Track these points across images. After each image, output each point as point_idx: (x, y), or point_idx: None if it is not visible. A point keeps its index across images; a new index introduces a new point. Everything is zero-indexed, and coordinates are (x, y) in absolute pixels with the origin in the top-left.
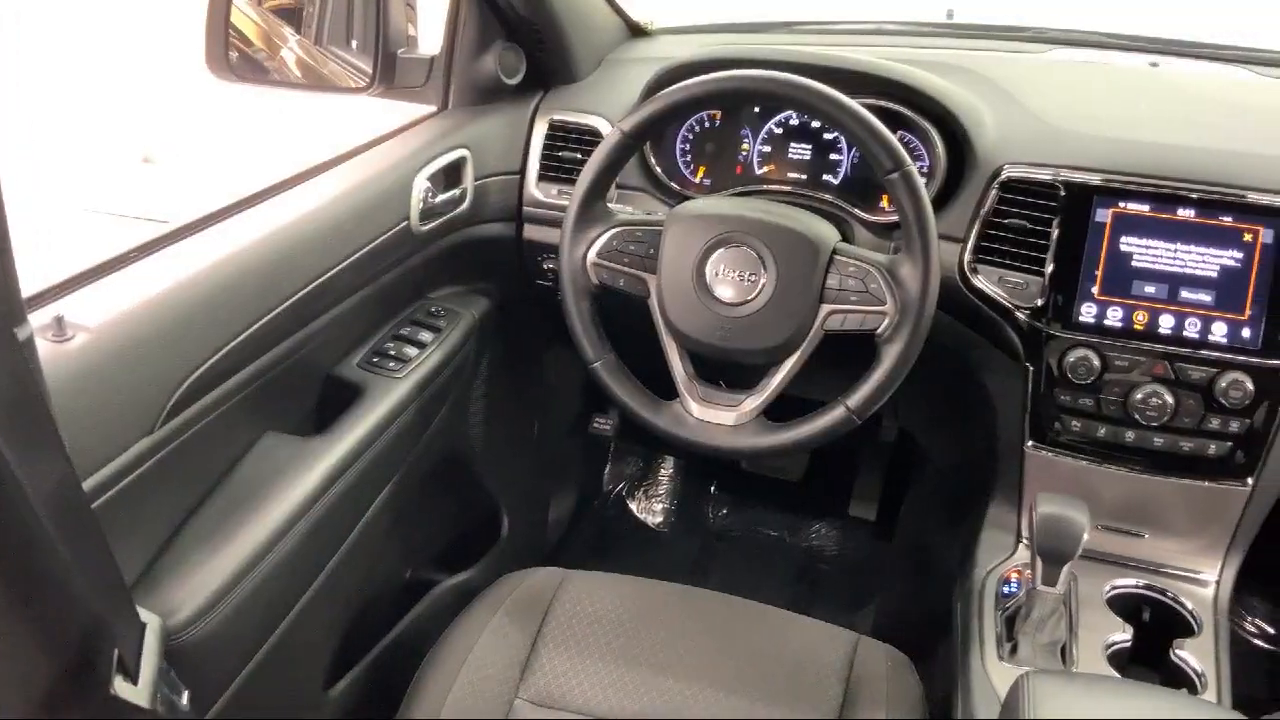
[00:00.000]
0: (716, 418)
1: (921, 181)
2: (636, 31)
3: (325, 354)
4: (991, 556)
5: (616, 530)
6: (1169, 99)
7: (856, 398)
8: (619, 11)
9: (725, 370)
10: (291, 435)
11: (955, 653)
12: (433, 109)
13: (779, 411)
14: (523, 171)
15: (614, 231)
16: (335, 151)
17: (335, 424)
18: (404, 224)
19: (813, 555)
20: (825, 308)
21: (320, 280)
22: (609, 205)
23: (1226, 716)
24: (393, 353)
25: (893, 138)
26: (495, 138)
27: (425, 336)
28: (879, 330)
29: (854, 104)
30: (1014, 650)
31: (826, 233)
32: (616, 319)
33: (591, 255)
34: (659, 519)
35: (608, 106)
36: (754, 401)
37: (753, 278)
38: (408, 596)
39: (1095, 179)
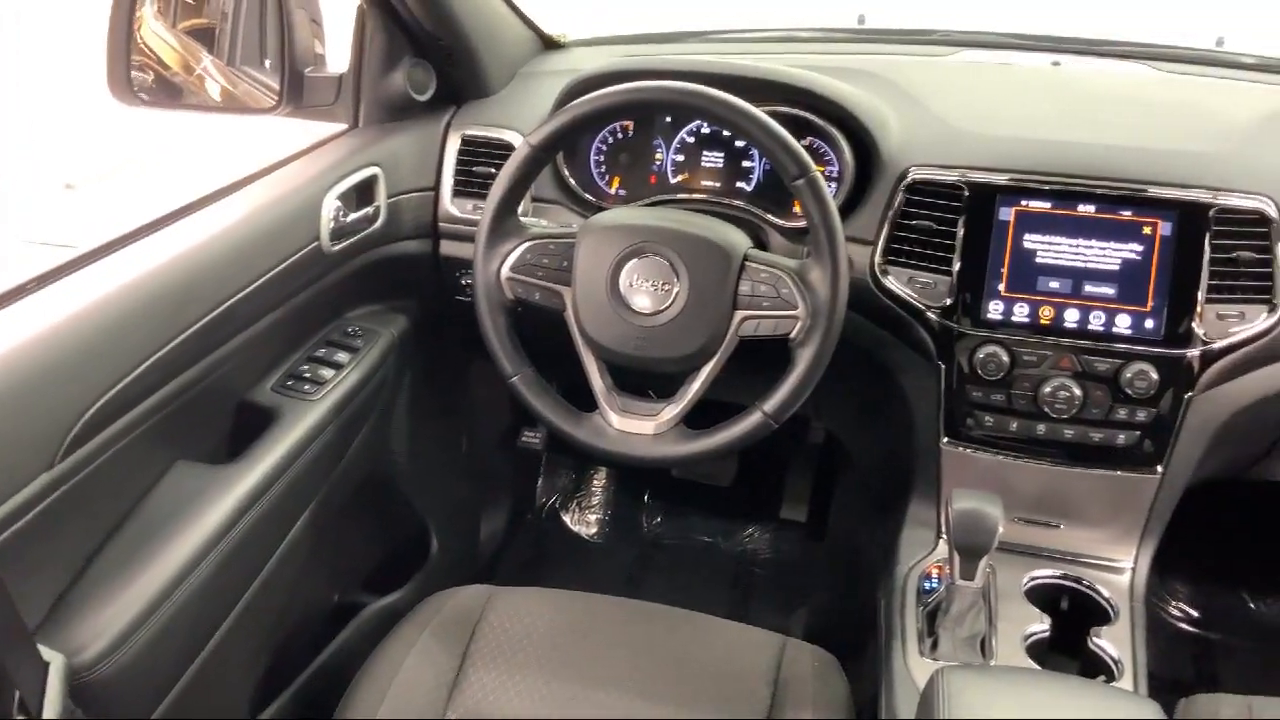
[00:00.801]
0: (636, 428)
1: (826, 187)
2: (549, 44)
3: (237, 379)
4: (913, 553)
5: (551, 544)
6: (1070, 97)
7: (773, 402)
8: (530, 25)
9: (645, 380)
10: (204, 464)
11: (880, 650)
12: (344, 127)
13: (705, 417)
14: (437, 187)
15: (527, 245)
16: (243, 173)
17: (248, 450)
18: (314, 244)
19: (746, 559)
20: (739, 314)
21: (228, 304)
22: (522, 219)
23: (1133, 702)
24: (308, 375)
25: (796, 144)
26: (407, 154)
27: (342, 357)
28: (792, 334)
29: (757, 112)
30: (934, 646)
31: (738, 240)
32: (536, 332)
33: (505, 270)
34: (593, 530)
35: (520, 120)
36: (673, 410)
37: (666, 287)
38: (336, 620)
39: (997, 178)
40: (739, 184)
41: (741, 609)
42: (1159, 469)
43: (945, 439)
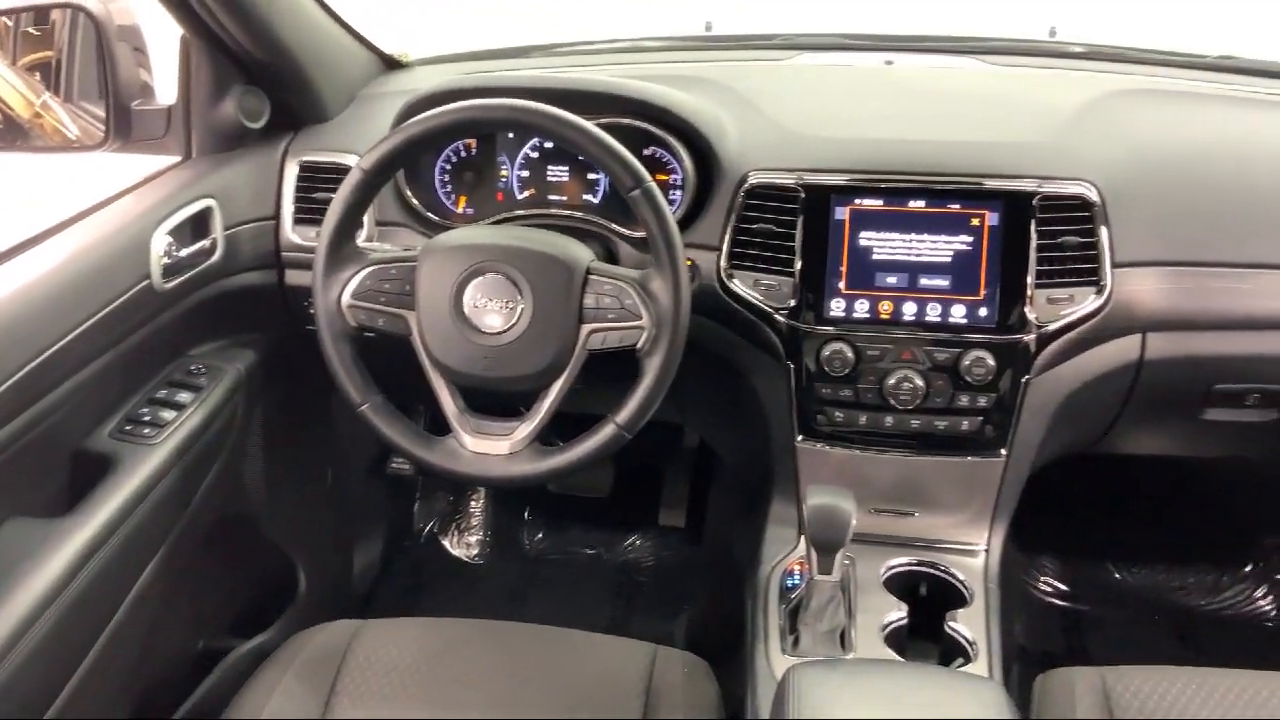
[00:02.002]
0: (491, 448)
1: (662, 196)
2: (391, 64)
3: (70, 427)
4: (775, 551)
5: (431, 570)
6: (902, 95)
7: (624, 414)
8: (369, 46)
9: (499, 399)
10: (38, 519)
11: (746, 651)
12: (177, 159)
13: (569, 431)
14: (277, 216)
15: (368, 271)
16: (65, 214)
17: (85, 501)
18: (144, 282)
19: (629, 569)
20: (585, 327)
21: (51, 350)
22: (362, 244)
23: (974, 685)
24: (147, 418)
25: (629, 156)
26: (244, 184)
27: (184, 397)
28: (639, 345)
29: (589, 126)
30: (796, 642)
31: (580, 253)
32: (393, 358)
33: (346, 297)
34: (474, 552)
35: (360, 143)
36: (526, 428)
37: (510, 305)
38: (202, 666)
39: (830, 179)
40: (586, 196)
41: (625, 619)
42: (1003, 452)
43: (799, 437)
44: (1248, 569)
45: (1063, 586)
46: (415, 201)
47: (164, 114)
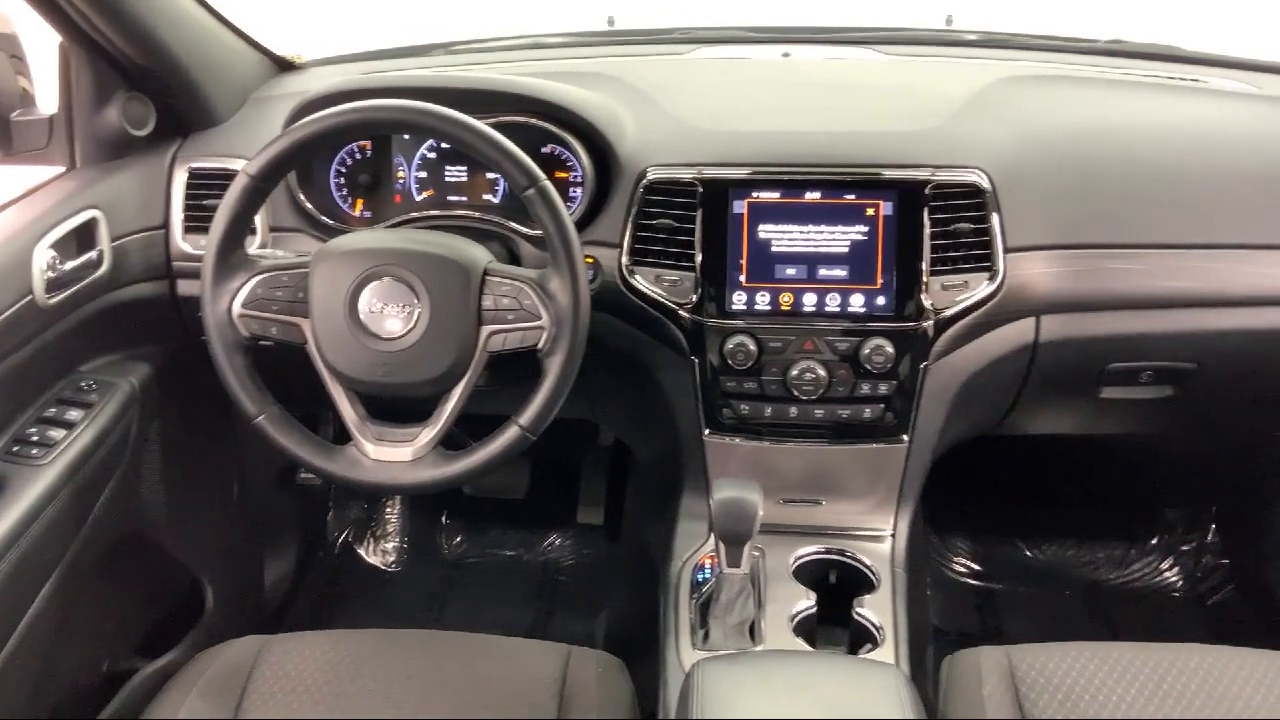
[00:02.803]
0: (393, 455)
1: (557, 195)
2: (284, 66)
3: None
4: (686, 546)
5: (347, 580)
6: (797, 87)
7: (527, 415)
8: (259, 48)
9: (401, 404)
10: None
11: (659, 647)
12: (61, 170)
13: (484, 432)
14: (167, 225)
15: (258, 279)
16: None
17: None
18: (27, 299)
19: (550, 569)
20: (485, 329)
21: None
22: (252, 251)
23: (873, 670)
24: (35, 438)
25: (522, 155)
26: (130, 193)
27: (74, 415)
28: (539, 345)
29: (479, 124)
30: (706, 637)
31: (477, 254)
32: (293, 366)
33: (237, 307)
34: (391, 559)
35: (251, 148)
36: (429, 434)
37: (407, 309)
38: (107, 688)
39: (728, 173)
40: (486, 196)
41: (546, 619)
42: (905, 438)
43: (706, 431)
44: (1153, 541)
45: (976, 566)
46: (309, 205)
47: (46, 124)
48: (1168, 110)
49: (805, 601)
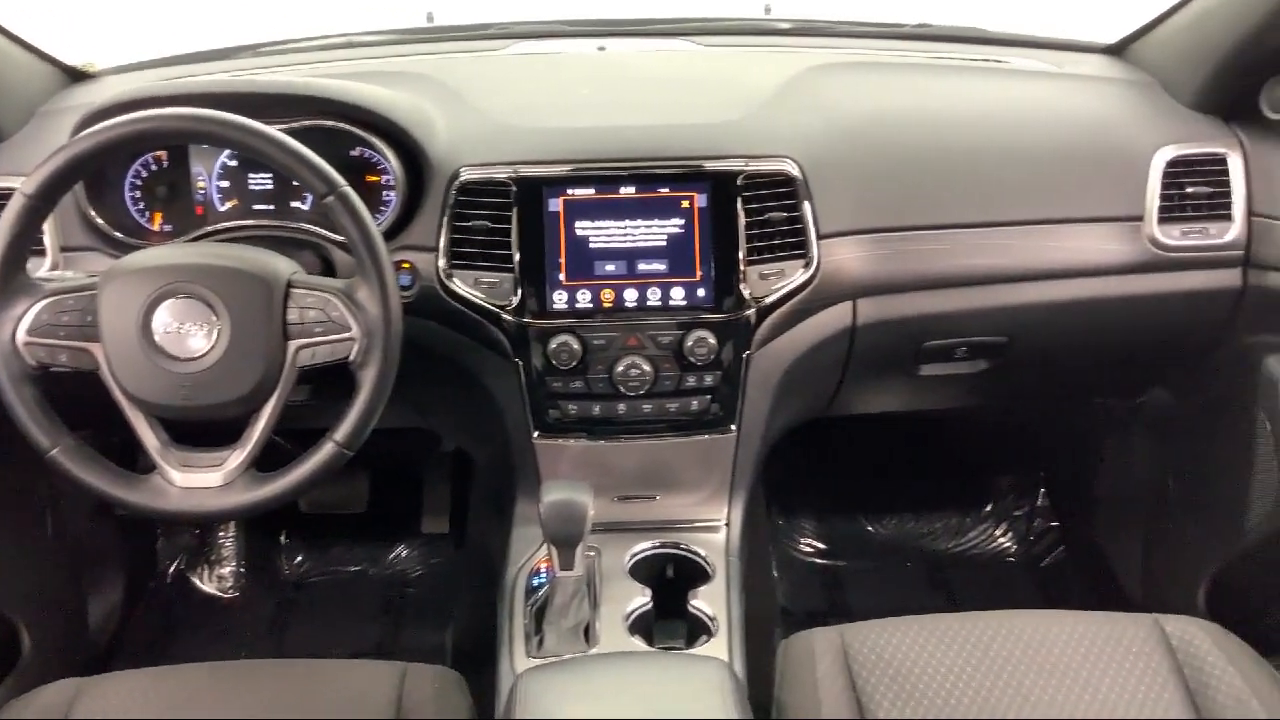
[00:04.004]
0: (201, 481)
1: (358, 200)
2: (76, 76)
3: None
4: (522, 551)
5: (181, 610)
6: (612, 81)
7: (343, 430)
8: (46, 58)
9: (216, 427)
10: None
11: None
12: None
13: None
14: None
15: (43, 304)
16: None
17: None
18: None
19: (396, 582)
20: (292, 344)
21: None
22: (39, 275)
23: (696, 666)
24: None
25: (319, 161)
26: None
27: None
28: (351, 357)
29: (272, 131)
30: (541, 643)
31: (280, 266)
32: (89, 391)
33: (21, 335)
34: (229, 585)
35: (34, 165)
36: (239, 457)
37: (207, 328)
38: None
39: (541, 171)
40: (294, 204)
41: (394, 634)
42: (733, 428)
43: (536, 433)
44: (987, 509)
45: (821, 546)
46: (101, 222)
47: None
48: (971, 92)
49: (641, 599)
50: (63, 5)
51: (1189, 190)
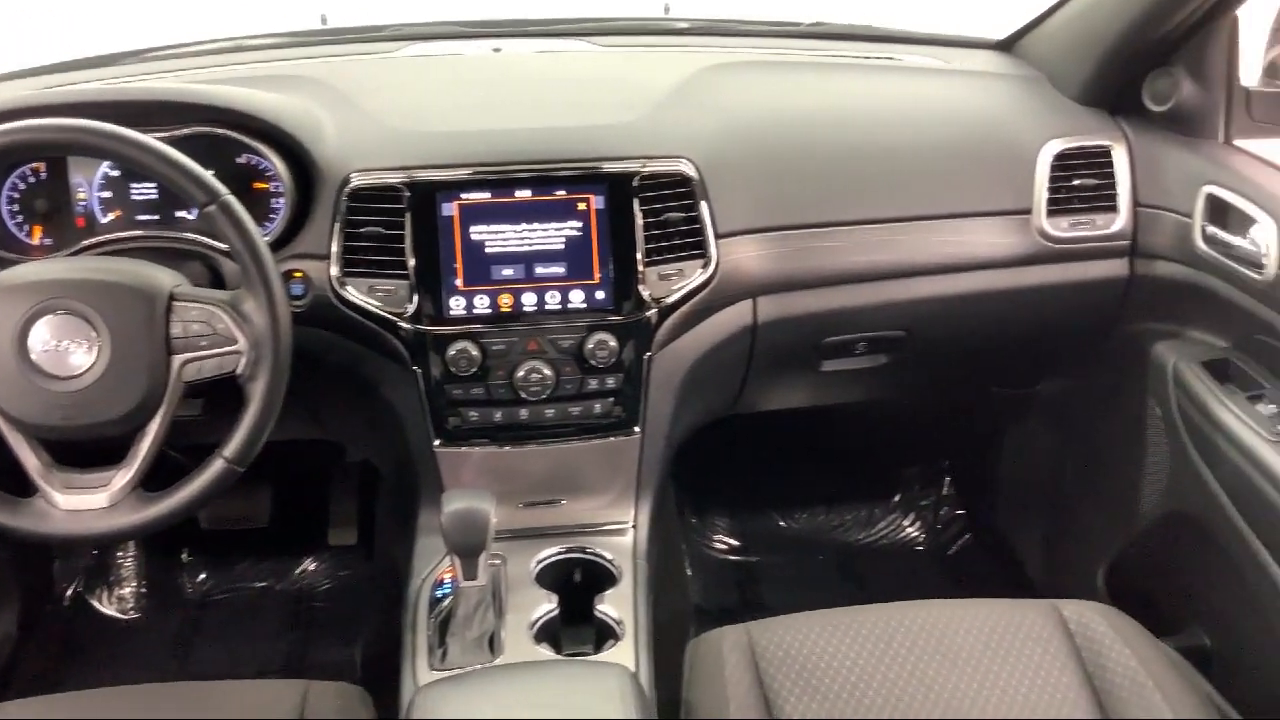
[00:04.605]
0: (86, 503)
1: (241, 208)
2: None
3: None
4: (426, 563)
5: (80, 635)
6: (507, 83)
7: (232, 446)
8: None
9: (105, 446)
10: None
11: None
12: None
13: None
14: None
15: None
16: None
17: None
18: None
19: (304, 596)
20: (177, 359)
21: None
22: None
23: (595, 673)
24: None
25: (197, 168)
26: None
27: None
28: (238, 371)
29: (145, 139)
30: (445, 655)
31: (162, 279)
32: None
33: None
34: (129, 606)
35: None
36: (124, 476)
37: (86, 345)
38: None
39: (434, 175)
40: (179, 214)
41: (303, 651)
42: (637, 430)
43: (437, 441)
44: (895, 499)
45: (734, 542)
46: None
47: None
48: (864, 90)
49: (547, 605)
50: None
51: (1076, 183)
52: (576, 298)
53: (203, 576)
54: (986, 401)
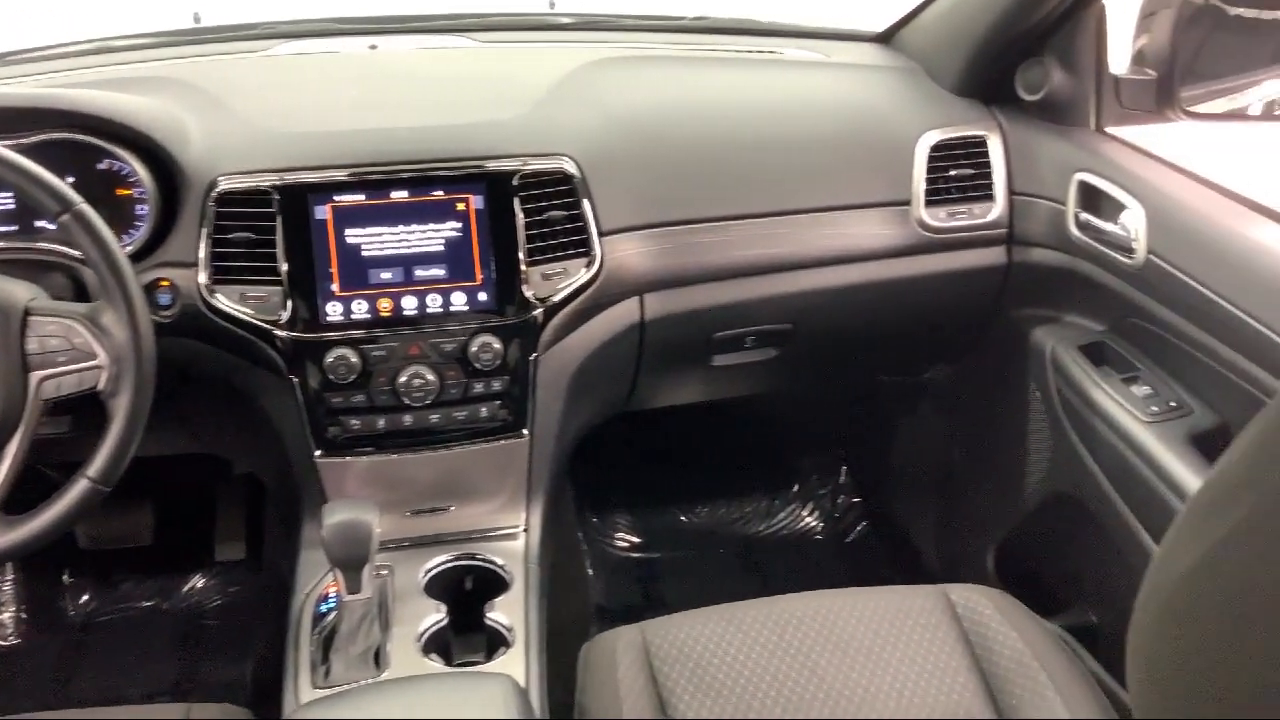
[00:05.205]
0: None
1: (96, 217)
2: None
3: None
4: (310, 577)
5: None
6: (384, 81)
7: (96, 465)
8: None
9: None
10: None
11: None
12: None
13: None
14: None
15: None
16: None
17: None
18: None
19: (193, 614)
20: (34, 375)
21: None
22: None
23: (478, 684)
24: None
25: (49, 177)
26: None
27: None
28: (100, 386)
29: None
30: (328, 672)
31: (16, 293)
32: None
33: None
34: (9, 632)
35: None
36: None
37: None
38: None
39: (305, 177)
40: (39, 224)
41: (194, 670)
42: (525, 432)
43: (318, 452)
44: (795, 490)
45: (636, 540)
46: None
47: None
48: (745, 84)
49: (436, 615)
50: None
51: (953, 173)
52: (459, 300)
53: (86, 598)
54: (877, 391)
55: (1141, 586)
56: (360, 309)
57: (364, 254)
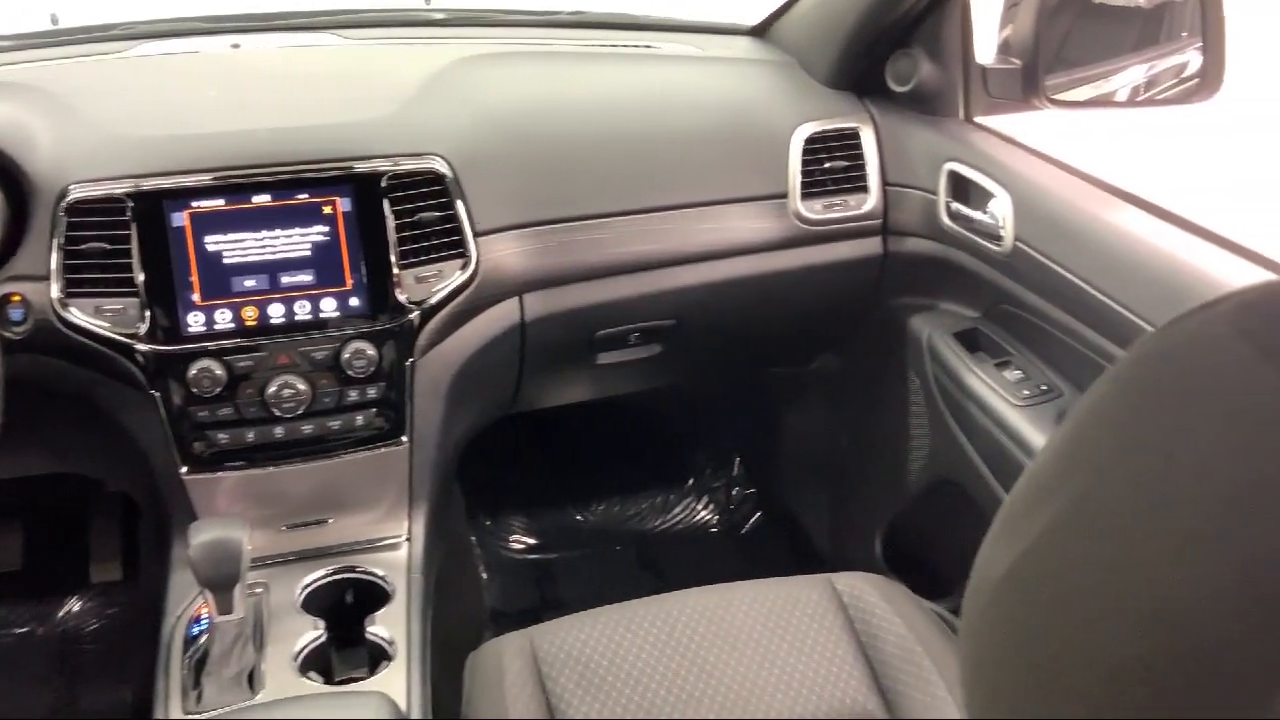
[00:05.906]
0: None
1: None
2: None
3: None
4: (181, 598)
5: None
6: (246, 81)
7: None
8: None
9: None
10: None
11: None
12: None
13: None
14: None
15: None
16: None
17: None
18: None
19: (69, 639)
20: None
21: None
22: None
23: (354, 704)
24: None
25: None
26: None
27: None
28: None
29: None
30: (200, 697)
31: None
32: None
33: None
34: None
35: None
36: None
37: None
38: None
39: (161, 183)
40: None
41: (72, 696)
42: (404, 439)
43: (184, 469)
44: (689, 484)
45: (531, 540)
46: None
47: None
48: (620, 79)
49: (314, 633)
50: None
51: (827, 165)
52: (328, 306)
53: None
54: (765, 383)
55: (966, 590)
56: (224, 318)
57: (226, 261)
